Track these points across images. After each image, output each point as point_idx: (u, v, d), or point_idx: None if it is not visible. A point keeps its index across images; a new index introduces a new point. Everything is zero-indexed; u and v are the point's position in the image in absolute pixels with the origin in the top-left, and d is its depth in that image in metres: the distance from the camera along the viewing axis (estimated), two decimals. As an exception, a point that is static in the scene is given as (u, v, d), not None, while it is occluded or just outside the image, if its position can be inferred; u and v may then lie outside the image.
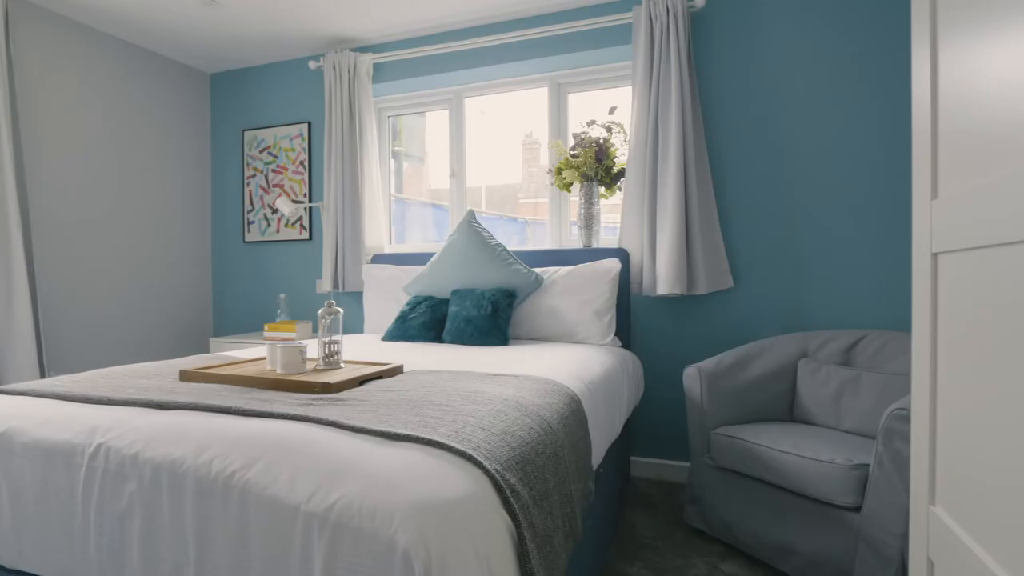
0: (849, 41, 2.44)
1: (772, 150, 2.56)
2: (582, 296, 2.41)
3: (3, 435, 1.17)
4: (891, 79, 2.38)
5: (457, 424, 1.10)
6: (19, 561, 1.14)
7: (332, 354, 1.60)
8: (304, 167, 3.57)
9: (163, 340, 3.54)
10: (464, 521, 0.85)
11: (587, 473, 1.44)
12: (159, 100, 3.52)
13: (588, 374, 1.78)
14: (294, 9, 2.95)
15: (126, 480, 1.02)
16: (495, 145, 3.32)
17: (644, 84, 2.60)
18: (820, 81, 2.48)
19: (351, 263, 3.24)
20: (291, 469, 0.92)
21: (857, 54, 2.43)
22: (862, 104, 2.42)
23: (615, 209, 3.11)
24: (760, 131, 2.58)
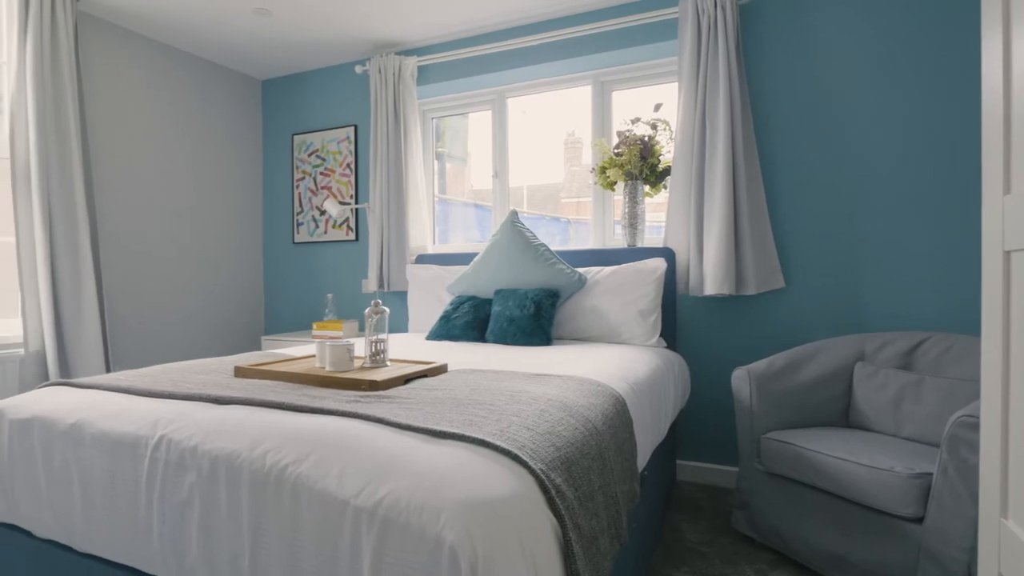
0: (909, 28, 2.32)
1: (826, 144, 2.46)
2: (626, 296, 2.38)
3: (74, 426, 1.24)
4: (956, 67, 2.25)
5: (502, 423, 1.10)
6: (89, 545, 1.20)
7: (378, 352, 1.63)
8: (351, 169, 3.65)
9: (217, 338, 3.69)
10: (510, 520, 0.85)
11: (632, 475, 1.42)
12: (214, 107, 3.67)
13: (633, 375, 1.76)
14: (341, 15, 3.02)
15: (186, 471, 1.07)
16: (537, 145, 3.31)
17: (691, 80, 2.55)
18: (878, 71, 2.37)
19: (396, 263, 3.29)
20: (341, 464, 0.95)
21: (918, 42, 2.31)
22: (924, 94, 2.30)
23: (660, 208, 3.05)
24: (813, 125, 2.48)
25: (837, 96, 2.44)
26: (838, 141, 2.44)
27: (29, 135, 2.56)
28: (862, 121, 2.40)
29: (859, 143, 2.41)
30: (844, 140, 2.43)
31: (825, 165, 2.47)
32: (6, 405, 1.37)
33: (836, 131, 2.45)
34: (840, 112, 2.44)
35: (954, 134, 2.26)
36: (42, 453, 1.26)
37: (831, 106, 2.45)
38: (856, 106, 2.41)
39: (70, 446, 1.23)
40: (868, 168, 2.40)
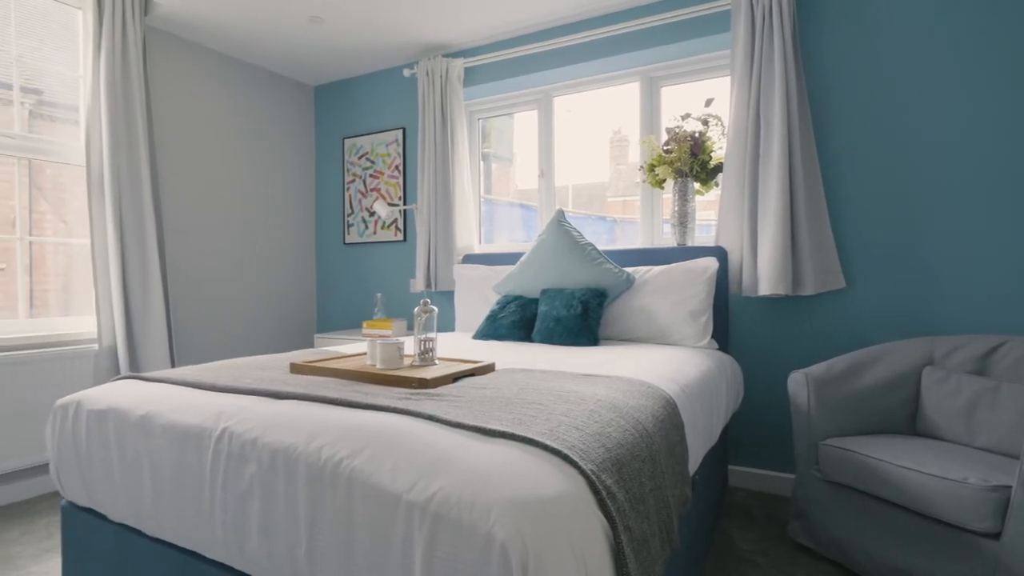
0: (984, 13, 2.18)
1: (890, 137, 2.34)
2: (676, 296, 2.33)
3: (144, 417, 1.31)
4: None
5: (551, 423, 1.10)
6: (158, 530, 1.27)
7: (427, 351, 1.66)
8: (399, 171, 3.72)
9: (272, 335, 3.83)
10: (560, 519, 0.84)
11: (684, 479, 1.39)
12: (270, 113, 3.81)
13: (683, 377, 1.72)
14: (389, 21, 3.08)
15: (247, 463, 1.11)
16: (582, 143, 3.29)
17: (744, 73, 2.47)
18: (947, 60, 2.24)
19: (443, 263, 3.34)
20: (394, 459, 0.96)
21: (994, 28, 2.16)
22: (998, 85, 2.15)
23: (710, 206, 2.98)
24: (877, 117, 2.36)
25: (903, 87, 2.32)
26: (904, 134, 2.32)
27: (103, 144, 2.73)
28: (930, 113, 2.27)
29: (927, 136, 2.28)
30: (910, 133, 2.31)
31: (889, 159, 2.34)
32: (84, 397, 1.46)
33: (902, 124, 2.32)
34: (906, 104, 2.31)
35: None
36: (116, 442, 1.34)
37: (896, 98, 2.33)
38: (923, 97, 2.28)
39: (141, 436, 1.30)
40: (937, 162, 2.26)
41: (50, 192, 2.78)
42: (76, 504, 1.48)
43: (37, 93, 2.72)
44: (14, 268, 2.65)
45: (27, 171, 2.67)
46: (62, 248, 2.82)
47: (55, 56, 2.75)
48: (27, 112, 2.68)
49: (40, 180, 2.74)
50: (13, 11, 2.60)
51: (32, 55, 2.66)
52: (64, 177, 2.82)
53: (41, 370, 2.57)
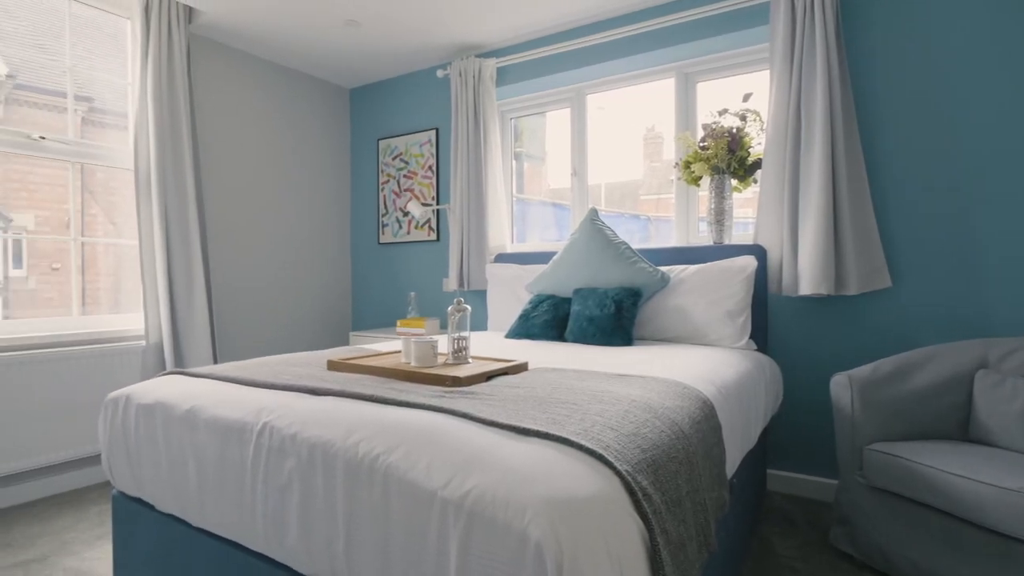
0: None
1: (940, 128, 2.24)
2: (713, 295, 2.28)
3: (190, 411, 1.36)
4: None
5: (585, 423, 1.09)
6: (202, 521, 1.31)
7: (461, 349, 1.66)
8: (432, 171, 3.76)
9: (309, 332, 3.91)
10: (595, 520, 0.84)
11: (721, 482, 1.36)
12: (307, 116, 3.90)
13: (720, 378, 1.68)
14: (423, 23, 3.11)
15: (286, 457, 1.13)
16: (615, 141, 3.25)
17: (784, 66, 2.40)
18: (1002, 50, 2.13)
19: (475, 262, 3.35)
20: (429, 456, 0.97)
21: (1056, 11, 2.05)
22: (1062, 70, 2.04)
23: (747, 203, 2.91)
24: (926, 107, 2.27)
25: (954, 75, 2.22)
26: (956, 125, 2.22)
27: (150, 148, 2.83)
28: (985, 103, 2.17)
29: (981, 127, 2.17)
30: (963, 124, 2.20)
31: (940, 152, 2.25)
32: (133, 391, 1.52)
33: (953, 114, 2.22)
34: (958, 93, 2.21)
35: (1100, 113, 1.99)
36: (163, 435, 1.39)
37: (947, 87, 2.23)
38: (977, 86, 2.18)
39: (186, 430, 1.34)
40: (992, 155, 2.16)
41: (101, 195, 2.90)
42: (126, 494, 1.54)
43: (89, 101, 2.84)
44: (68, 268, 2.77)
45: (79, 175, 2.80)
46: (112, 248, 2.94)
47: (105, 65, 2.87)
48: (79, 119, 2.80)
49: (91, 184, 2.86)
50: (68, 24, 2.72)
51: (84, 64, 2.79)
52: (114, 180, 2.94)
53: (93, 365, 2.69)
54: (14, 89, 2.60)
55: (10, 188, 2.59)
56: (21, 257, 2.64)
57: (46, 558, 1.97)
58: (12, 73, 2.58)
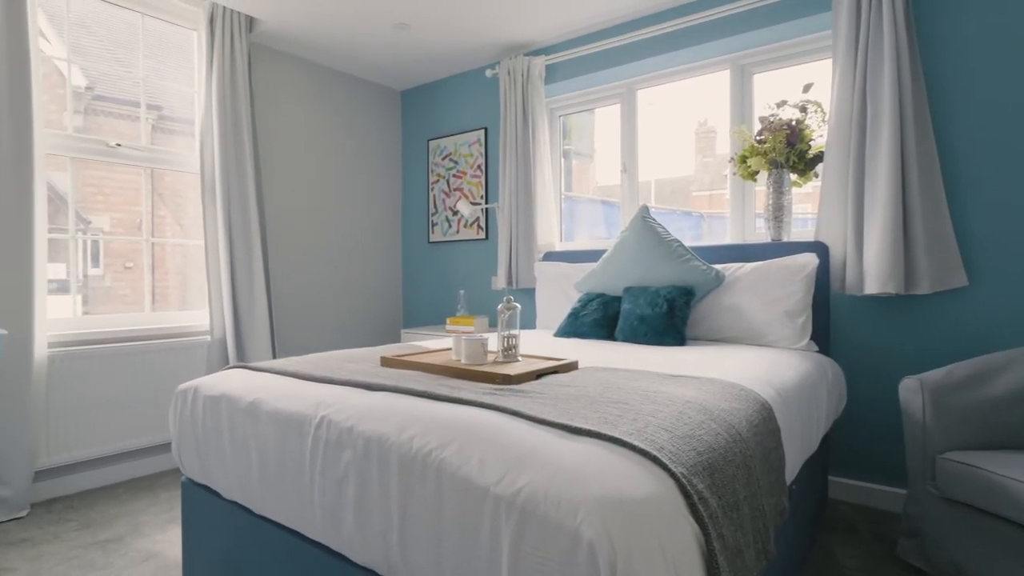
0: None
1: (1021, 120, 2.08)
2: (771, 295, 2.20)
3: (252, 404, 1.42)
4: None
5: (638, 423, 1.07)
6: (264, 509, 1.36)
7: (510, 347, 1.67)
8: (481, 170, 3.78)
9: (362, 329, 4.02)
10: (650, 522, 0.82)
11: (780, 488, 1.31)
12: (360, 118, 4.00)
13: (779, 380, 1.62)
14: (472, 23, 3.13)
15: (343, 450, 1.17)
16: (665, 137, 3.18)
17: (848, 54, 2.29)
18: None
19: (524, 261, 3.35)
20: (481, 452, 0.98)
21: None
22: None
23: (808, 199, 2.79)
24: (1005, 98, 2.11)
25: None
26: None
27: (214, 153, 2.97)
28: (1076, 86, 2.00)
29: (1071, 113, 2.01)
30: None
31: (1020, 146, 2.08)
32: (200, 383, 1.60)
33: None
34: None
35: None
36: (227, 426, 1.45)
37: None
38: (1067, 69, 2.01)
39: (249, 422, 1.40)
40: (1084, 142, 1.99)
41: (169, 198, 3.07)
42: (194, 481, 1.62)
43: (158, 109, 3.01)
44: (140, 267, 2.95)
45: (150, 179, 2.96)
46: (179, 249, 3.10)
47: (173, 75, 3.03)
48: (150, 126, 2.97)
49: (161, 187, 3.03)
50: (141, 37, 2.89)
51: (154, 75, 2.95)
52: (181, 184, 3.10)
53: (163, 358, 2.85)
54: (93, 100, 2.78)
55: (88, 192, 2.77)
56: (98, 257, 2.82)
57: (122, 539, 2.10)
58: (91, 85, 2.76)
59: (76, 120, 2.70)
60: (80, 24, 2.69)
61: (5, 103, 2.28)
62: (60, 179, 2.66)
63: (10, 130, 2.30)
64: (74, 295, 2.70)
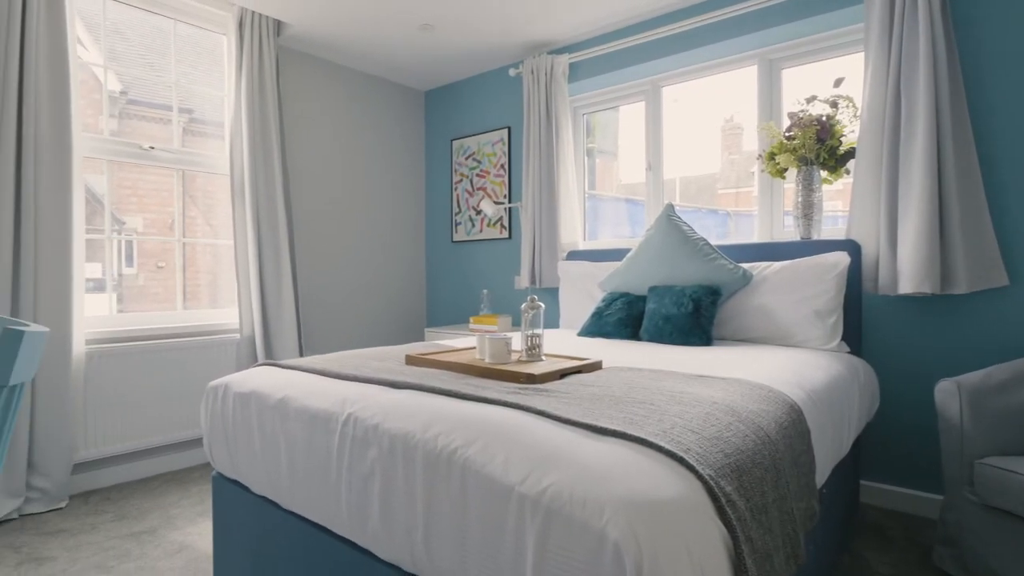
0: None
1: (1069, 110, 2.00)
2: (800, 294, 2.16)
3: (282, 400, 1.44)
4: None
5: (664, 424, 1.06)
6: (292, 504, 1.39)
7: (534, 347, 1.67)
8: (504, 170, 3.78)
9: (386, 328, 4.05)
10: (677, 523, 0.81)
11: (810, 492, 1.28)
12: (384, 119, 4.03)
13: (809, 382, 1.59)
14: (496, 22, 3.14)
15: (369, 446, 1.18)
16: (691, 134, 3.14)
17: (881, 47, 2.23)
18: None
19: (547, 260, 3.34)
20: (506, 451, 0.98)
21: None
22: None
23: (838, 196, 2.73)
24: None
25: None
26: (1088, 105, 1.97)
27: (243, 155, 3.03)
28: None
29: (1120, 105, 1.92)
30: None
31: (1068, 135, 2.01)
32: (231, 380, 1.63)
33: (1085, 92, 1.98)
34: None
35: None
36: (257, 422, 1.48)
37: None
38: (1116, 59, 1.93)
39: (277, 418, 1.42)
40: None
41: (200, 199, 3.14)
42: (224, 475, 1.65)
43: (189, 112, 3.08)
44: (172, 266, 3.02)
45: (181, 181, 3.04)
46: (209, 248, 3.17)
47: (204, 79, 3.10)
48: (181, 129, 3.04)
49: (191, 188, 3.10)
50: (172, 42, 2.96)
51: (185, 79, 3.02)
52: (211, 185, 3.17)
53: (194, 355, 2.91)
54: (127, 104, 2.86)
55: (123, 194, 2.85)
56: (132, 256, 2.90)
57: (155, 531, 2.16)
58: (125, 90, 2.84)
59: (111, 124, 2.78)
60: (115, 31, 2.77)
61: (46, 109, 2.36)
62: (96, 181, 2.74)
63: (51, 135, 2.38)
64: (110, 294, 2.78)
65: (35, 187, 2.33)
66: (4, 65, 2.23)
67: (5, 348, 0.75)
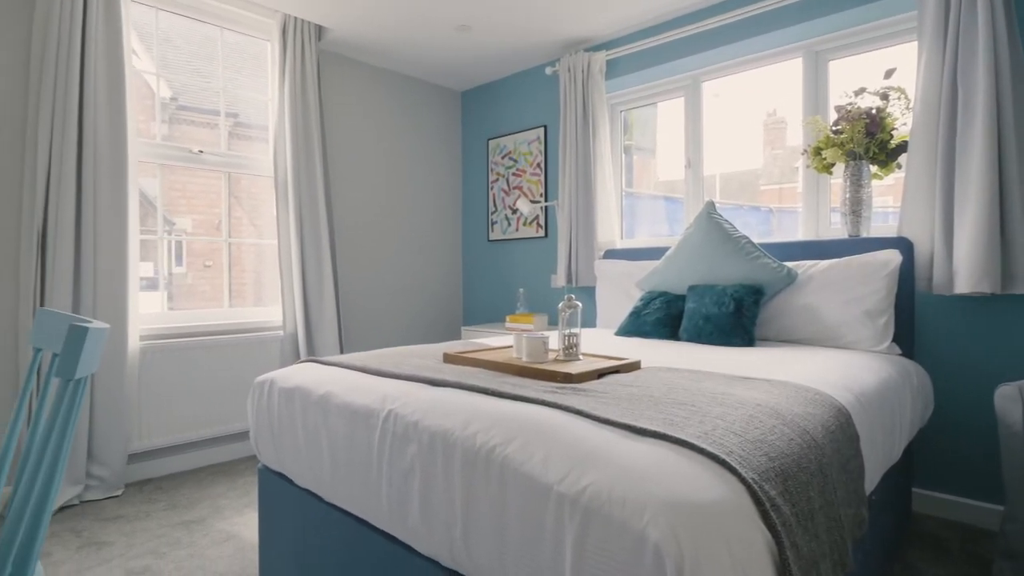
0: None
1: None
2: (848, 294, 2.08)
3: (323, 396, 1.48)
4: None
5: (705, 426, 1.04)
6: (334, 497, 1.42)
7: (571, 346, 1.66)
8: (540, 168, 3.78)
9: (423, 326, 4.10)
10: (719, 527, 0.80)
11: (859, 498, 1.24)
12: (422, 120, 4.08)
13: (858, 385, 1.53)
14: (533, 20, 3.13)
15: (409, 443, 1.19)
16: (731, 129, 3.07)
17: (936, 36, 2.13)
18: None
19: (584, 259, 3.33)
20: (544, 450, 0.98)
21: None
22: None
23: (889, 191, 2.62)
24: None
25: None
26: None
27: (287, 158, 3.11)
28: None
29: None
30: None
31: None
32: (276, 376, 1.68)
33: None
34: None
35: None
36: (300, 417, 1.52)
37: None
38: None
39: (320, 413, 1.46)
40: None
41: (245, 200, 3.24)
42: (269, 468, 1.71)
43: (235, 116, 3.18)
44: (219, 265, 3.13)
45: (227, 183, 3.14)
46: (254, 248, 3.27)
47: (249, 84, 3.20)
48: (227, 133, 3.14)
49: (237, 190, 3.20)
50: (219, 50, 3.06)
51: (231, 84, 3.12)
52: (255, 187, 3.27)
53: (240, 351, 3.02)
54: (176, 110, 2.97)
55: (173, 196, 2.97)
56: (181, 256, 3.02)
57: (204, 520, 2.24)
58: (175, 96, 2.96)
59: (163, 129, 2.90)
60: (166, 40, 2.88)
61: (104, 117, 2.48)
62: (149, 184, 2.86)
63: (108, 141, 2.50)
64: (161, 292, 2.90)
65: (95, 191, 2.46)
66: (66, 77, 2.35)
67: (71, 344, 0.79)
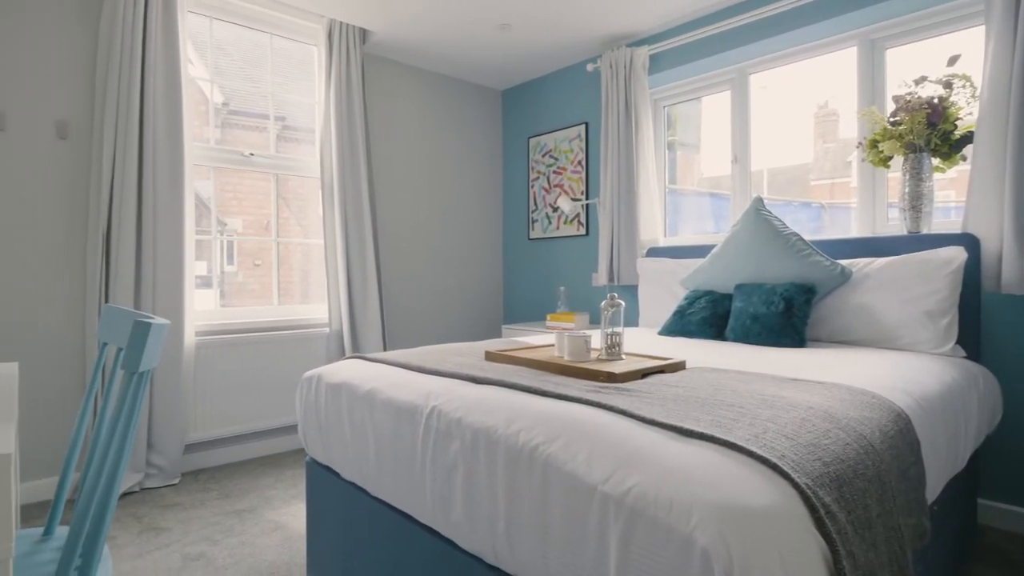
0: None
1: None
2: (907, 293, 1.98)
3: (369, 392, 1.50)
4: None
5: (755, 428, 1.01)
6: (379, 491, 1.45)
7: (614, 345, 1.64)
8: (582, 166, 3.75)
9: (465, 324, 4.14)
10: (771, 533, 0.77)
11: (920, 508, 1.18)
12: (463, 119, 4.11)
13: (919, 388, 1.46)
14: (574, 17, 3.11)
15: (452, 439, 1.21)
16: (780, 123, 2.97)
17: (1006, 19, 2.00)
18: None
19: (626, 257, 3.28)
20: (588, 450, 0.97)
21: None
22: None
23: (951, 185, 2.48)
24: None
25: None
26: None
27: (332, 159, 3.19)
28: None
29: None
30: None
31: None
32: (323, 371, 1.72)
33: None
34: None
35: None
36: (347, 412, 1.56)
37: None
38: None
39: (366, 409, 1.49)
40: None
41: (292, 201, 3.34)
42: (317, 461, 1.75)
43: (283, 120, 3.28)
44: (267, 264, 3.23)
45: (276, 184, 3.24)
46: (301, 248, 3.37)
47: (296, 88, 3.29)
48: (275, 136, 3.24)
49: (284, 191, 3.30)
50: (269, 55, 3.16)
51: (280, 88, 3.22)
52: (302, 188, 3.36)
53: (288, 347, 3.11)
54: (228, 114, 3.09)
55: (225, 197, 3.08)
56: (233, 255, 3.13)
57: (254, 510, 2.32)
58: (226, 101, 3.07)
59: (215, 133, 3.01)
60: (219, 47, 3.00)
61: (162, 123, 2.60)
62: (203, 186, 2.98)
63: (167, 146, 2.61)
64: (215, 289, 3.02)
65: (154, 194, 2.58)
66: (128, 86, 2.48)
67: (136, 339, 0.83)
